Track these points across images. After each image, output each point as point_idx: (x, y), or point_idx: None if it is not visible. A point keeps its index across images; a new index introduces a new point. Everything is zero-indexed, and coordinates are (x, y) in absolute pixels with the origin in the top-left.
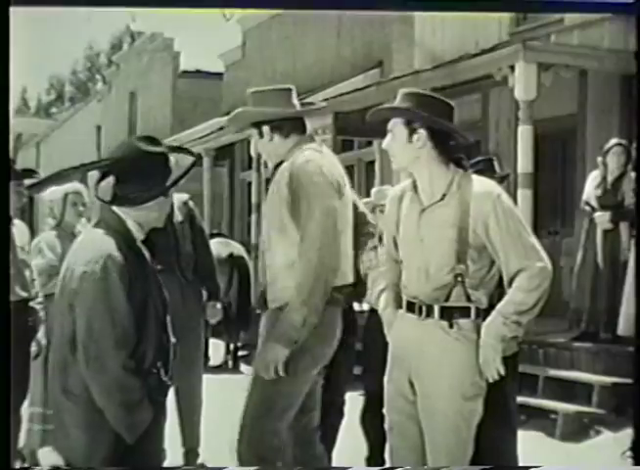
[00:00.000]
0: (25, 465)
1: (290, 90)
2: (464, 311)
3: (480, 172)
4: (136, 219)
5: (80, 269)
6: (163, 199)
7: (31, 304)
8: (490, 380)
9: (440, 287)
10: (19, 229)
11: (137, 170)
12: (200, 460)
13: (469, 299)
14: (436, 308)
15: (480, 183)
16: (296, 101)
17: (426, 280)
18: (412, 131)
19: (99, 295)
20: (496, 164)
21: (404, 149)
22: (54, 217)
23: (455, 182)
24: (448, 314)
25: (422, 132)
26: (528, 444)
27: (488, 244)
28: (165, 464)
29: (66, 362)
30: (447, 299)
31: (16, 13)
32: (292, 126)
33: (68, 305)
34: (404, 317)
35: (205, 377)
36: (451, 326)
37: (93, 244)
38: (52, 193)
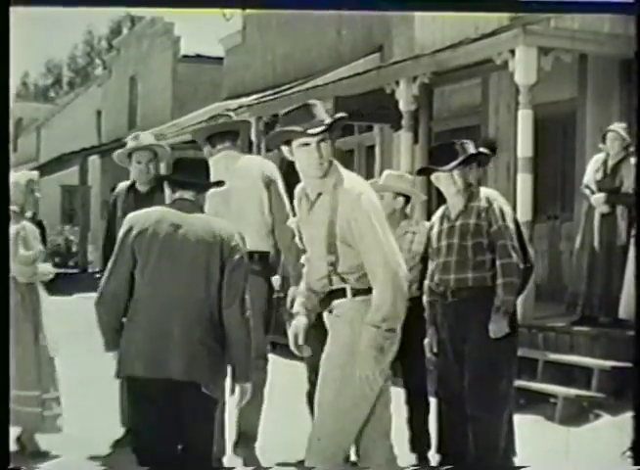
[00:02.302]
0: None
1: None
2: (340, 293)
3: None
4: None
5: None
6: None
7: None
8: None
9: (320, 278)
10: None
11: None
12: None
13: (345, 282)
14: (322, 295)
15: (349, 180)
16: None
17: (313, 271)
18: None
19: None
20: (470, 146)
21: None
22: (16, 205)
23: (332, 178)
24: (330, 298)
25: None
26: (528, 427)
27: (351, 240)
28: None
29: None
30: (331, 284)
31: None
32: None
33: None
34: None
35: None
36: (330, 309)
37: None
38: (14, 179)
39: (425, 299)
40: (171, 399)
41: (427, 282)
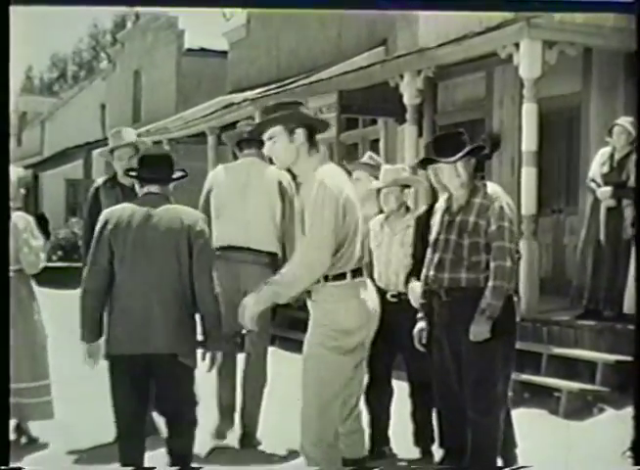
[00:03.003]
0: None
1: None
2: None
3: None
4: None
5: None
6: None
7: None
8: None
9: None
10: None
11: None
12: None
13: None
14: None
15: (321, 171)
16: None
17: None
18: (291, 132)
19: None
20: (465, 137)
21: (286, 149)
22: (16, 200)
23: (310, 170)
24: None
25: (299, 131)
26: (532, 421)
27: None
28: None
29: None
30: None
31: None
32: None
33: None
34: None
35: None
36: (309, 295)
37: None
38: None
39: (422, 288)
40: (155, 373)
41: (424, 272)
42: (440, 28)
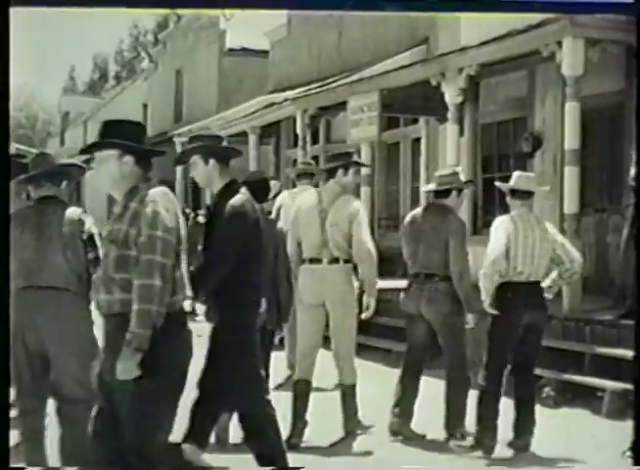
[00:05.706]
0: None
1: None
2: None
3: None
4: None
5: None
6: None
7: None
8: None
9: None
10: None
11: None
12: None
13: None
14: None
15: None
16: None
17: None
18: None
19: None
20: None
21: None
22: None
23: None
24: None
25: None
26: (574, 421)
27: None
28: None
29: None
30: None
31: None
32: None
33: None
34: None
35: None
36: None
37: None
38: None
39: None
40: None
41: None
42: (482, 27)
